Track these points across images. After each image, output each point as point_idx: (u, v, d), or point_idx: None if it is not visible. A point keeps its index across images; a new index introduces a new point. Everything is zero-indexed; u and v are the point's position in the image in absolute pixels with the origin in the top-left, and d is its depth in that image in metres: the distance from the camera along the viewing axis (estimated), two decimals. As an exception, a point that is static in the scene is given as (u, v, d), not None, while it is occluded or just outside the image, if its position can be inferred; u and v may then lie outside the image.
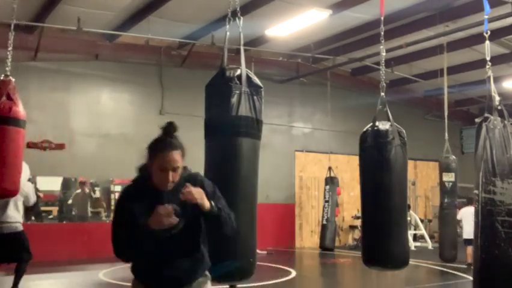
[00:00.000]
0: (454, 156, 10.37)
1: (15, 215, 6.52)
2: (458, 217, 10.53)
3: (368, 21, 10.61)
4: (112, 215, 12.15)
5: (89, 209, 11.92)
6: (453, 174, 10.30)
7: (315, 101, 14.79)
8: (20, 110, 4.80)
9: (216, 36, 10.75)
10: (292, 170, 14.52)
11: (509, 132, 3.96)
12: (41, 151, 10.85)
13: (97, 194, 12.22)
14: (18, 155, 4.79)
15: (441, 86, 11.76)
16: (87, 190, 11.74)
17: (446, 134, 10.34)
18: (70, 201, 11.83)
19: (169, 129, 2.71)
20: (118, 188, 12.21)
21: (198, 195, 2.48)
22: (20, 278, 6.64)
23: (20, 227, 6.69)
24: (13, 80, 4.88)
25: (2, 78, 4.88)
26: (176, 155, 2.61)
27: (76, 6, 9.69)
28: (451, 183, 10.31)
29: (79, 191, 11.67)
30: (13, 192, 4.89)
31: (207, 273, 2.72)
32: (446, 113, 10.77)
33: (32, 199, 6.59)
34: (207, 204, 2.50)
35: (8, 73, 4.93)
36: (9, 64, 5.01)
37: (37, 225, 11.27)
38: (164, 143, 2.65)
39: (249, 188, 3.69)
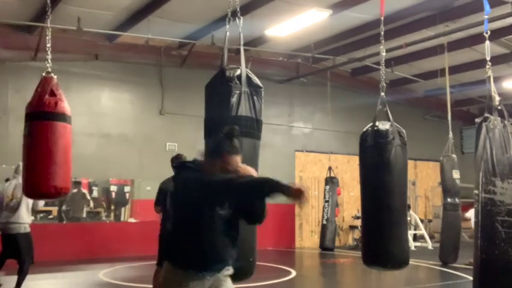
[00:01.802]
0: (454, 155, 10.34)
1: (25, 216, 6.63)
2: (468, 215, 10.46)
3: (368, 21, 10.61)
4: (112, 215, 12.21)
5: (85, 209, 11.86)
6: (458, 171, 10.23)
7: (315, 101, 14.79)
8: (66, 105, 4.77)
9: (216, 36, 10.75)
10: (292, 170, 14.52)
11: (509, 132, 3.96)
12: (41, 151, 10.83)
13: (94, 194, 12.20)
14: (67, 152, 4.71)
15: (441, 86, 11.77)
16: (82, 190, 11.72)
17: (451, 132, 10.29)
18: (62, 202, 11.78)
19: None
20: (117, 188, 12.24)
21: None
22: (24, 278, 6.71)
23: (28, 228, 6.80)
24: (55, 76, 4.88)
25: (44, 75, 4.88)
26: None
27: (76, 6, 9.69)
28: (458, 180, 10.20)
29: (74, 191, 11.67)
30: (65, 190, 4.73)
31: None
32: (449, 113, 10.75)
33: (42, 202, 6.64)
34: None
35: (50, 70, 4.93)
36: (49, 61, 5.01)
37: (37, 225, 11.27)
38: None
39: (249, 188, 3.68)
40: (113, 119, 12.12)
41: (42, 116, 4.64)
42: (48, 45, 5.09)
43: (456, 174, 10.15)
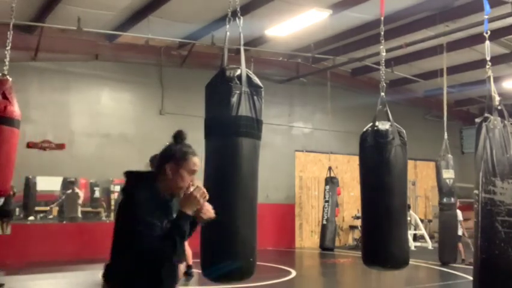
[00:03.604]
0: (450, 155, 10.35)
1: None
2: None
3: (368, 21, 10.61)
4: (112, 215, 12.20)
5: (80, 209, 11.82)
6: (453, 171, 10.26)
7: (315, 101, 14.79)
8: (15, 109, 4.71)
9: (216, 36, 10.76)
10: (292, 170, 14.52)
11: (509, 132, 3.96)
12: (41, 151, 10.85)
13: (96, 194, 12.19)
14: (11, 156, 4.70)
15: (441, 86, 11.76)
16: (75, 189, 11.70)
17: (446, 133, 10.33)
18: (62, 203, 11.77)
19: (183, 136, 2.69)
20: (118, 188, 12.22)
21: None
22: None
23: None
24: (10, 79, 4.81)
25: None
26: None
27: (76, 6, 9.69)
28: (451, 180, 10.24)
29: (69, 191, 11.66)
30: (4, 192, 4.78)
31: None
32: (445, 113, 10.78)
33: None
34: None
35: (6, 72, 4.87)
36: (7, 63, 4.95)
37: (37, 225, 11.28)
38: (191, 147, 2.67)
39: (249, 188, 3.68)
40: (113, 119, 12.11)
41: None
42: (8, 48, 5.04)
43: (447, 174, 10.18)
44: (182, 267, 6.73)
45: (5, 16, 9.84)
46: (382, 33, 5.35)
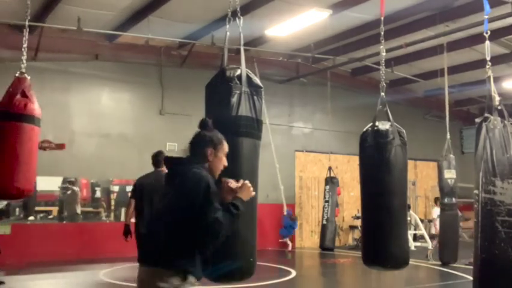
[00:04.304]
0: (452, 155, 10.35)
1: None
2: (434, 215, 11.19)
3: (368, 21, 10.61)
4: (112, 214, 12.20)
5: (79, 209, 11.81)
6: (454, 171, 10.27)
7: (315, 101, 14.79)
8: (36, 107, 4.73)
9: (216, 36, 10.76)
10: (292, 170, 14.52)
11: (509, 132, 3.96)
12: (41, 151, 10.78)
13: (97, 195, 12.18)
14: (33, 154, 4.69)
15: (441, 86, 11.76)
16: (74, 189, 11.70)
17: (448, 133, 10.32)
18: (62, 203, 11.75)
19: (209, 123, 2.99)
20: (117, 188, 12.22)
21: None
22: None
23: None
24: (28, 77, 4.84)
25: (17, 75, 4.83)
26: None
27: (76, 6, 9.69)
28: (453, 180, 10.25)
29: (69, 192, 11.65)
30: (28, 192, 4.73)
31: None
32: (447, 113, 10.77)
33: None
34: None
35: (24, 70, 4.89)
36: (24, 62, 4.96)
37: (37, 225, 11.28)
38: (220, 133, 3.00)
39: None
40: (113, 119, 12.11)
41: (9, 117, 4.61)
42: (25, 45, 5.07)
43: (449, 174, 10.19)
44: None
45: (5, 16, 9.88)
46: (382, 33, 5.35)
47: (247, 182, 2.88)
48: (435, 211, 11.94)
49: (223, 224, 2.63)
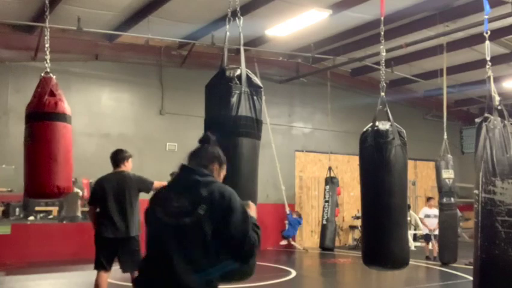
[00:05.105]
0: (450, 155, 10.36)
1: None
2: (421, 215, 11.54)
3: (368, 21, 10.61)
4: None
5: (80, 210, 11.78)
6: (452, 171, 10.28)
7: (315, 101, 14.78)
8: (66, 105, 4.75)
9: (216, 36, 10.75)
10: (292, 170, 14.52)
11: (509, 132, 3.95)
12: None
13: (88, 194, 12.15)
14: (69, 151, 4.67)
15: (441, 86, 11.76)
16: (75, 189, 11.66)
17: (445, 134, 10.33)
18: (62, 203, 11.72)
19: (211, 138, 2.91)
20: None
21: None
22: None
23: None
24: (54, 76, 4.86)
25: (43, 75, 4.86)
26: None
27: (75, 6, 9.70)
28: (451, 180, 10.25)
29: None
30: (68, 189, 4.72)
31: None
32: (445, 113, 10.77)
33: None
34: None
35: (48, 70, 4.91)
36: (48, 61, 4.99)
37: (37, 225, 11.28)
38: None
39: (249, 187, 3.69)
40: (113, 119, 12.12)
41: (42, 117, 4.64)
42: (47, 45, 5.08)
43: (447, 174, 10.20)
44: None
45: (6, 16, 9.88)
46: (382, 33, 5.34)
47: (249, 202, 2.96)
48: (423, 211, 11.97)
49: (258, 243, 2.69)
